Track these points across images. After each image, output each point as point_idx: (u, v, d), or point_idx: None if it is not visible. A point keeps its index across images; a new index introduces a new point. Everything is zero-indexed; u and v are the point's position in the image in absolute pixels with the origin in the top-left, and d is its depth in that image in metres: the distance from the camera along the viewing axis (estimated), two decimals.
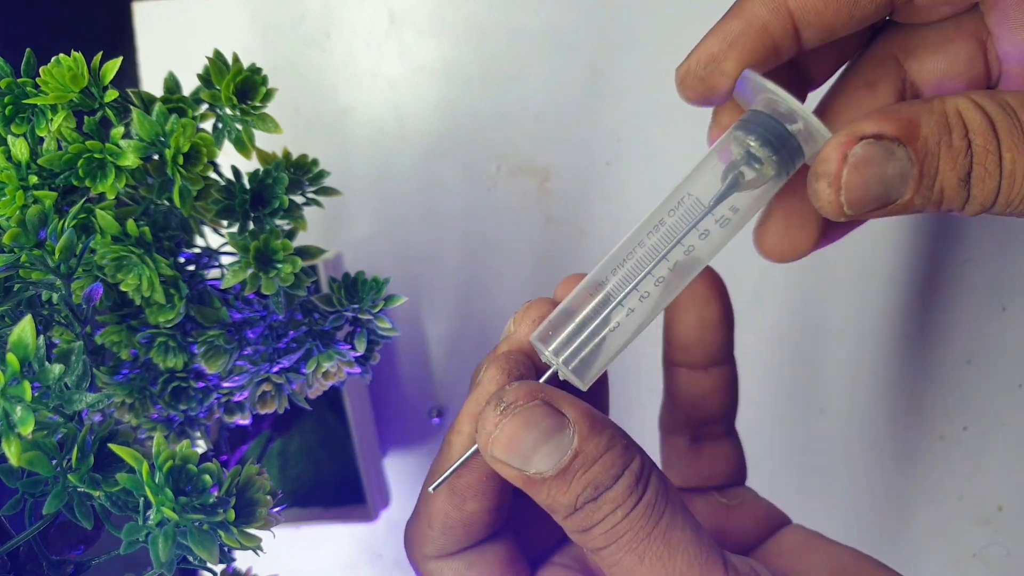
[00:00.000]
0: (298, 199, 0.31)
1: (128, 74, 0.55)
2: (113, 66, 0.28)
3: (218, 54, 0.29)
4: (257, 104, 0.29)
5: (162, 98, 0.29)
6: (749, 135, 0.25)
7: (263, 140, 0.30)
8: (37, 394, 0.23)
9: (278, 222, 0.30)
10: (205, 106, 0.30)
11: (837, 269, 0.48)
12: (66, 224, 0.26)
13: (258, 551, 0.25)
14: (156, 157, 0.28)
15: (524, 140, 0.51)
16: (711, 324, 0.31)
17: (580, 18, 0.50)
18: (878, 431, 0.49)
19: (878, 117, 0.22)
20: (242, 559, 0.31)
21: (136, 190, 0.29)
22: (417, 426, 0.55)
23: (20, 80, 0.27)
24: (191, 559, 0.24)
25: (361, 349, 0.32)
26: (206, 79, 0.30)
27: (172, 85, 0.30)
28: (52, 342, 0.27)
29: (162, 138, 0.27)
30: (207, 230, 0.32)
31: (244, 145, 0.30)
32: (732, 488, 0.33)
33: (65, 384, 0.24)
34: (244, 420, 0.34)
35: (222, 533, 0.24)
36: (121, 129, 0.28)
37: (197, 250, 0.31)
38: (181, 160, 0.27)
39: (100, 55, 0.27)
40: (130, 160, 0.27)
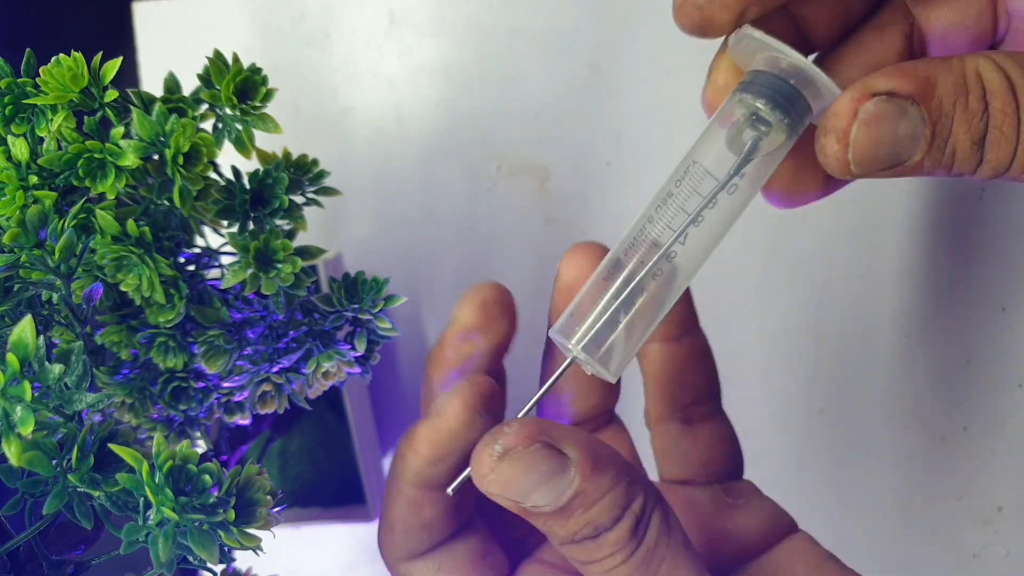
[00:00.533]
0: (298, 199, 0.31)
1: (128, 74, 0.55)
2: (113, 66, 0.28)
3: (218, 54, 0.29)
4: (257, 104, 0.29)
5: (162, 98, 0.29)
6: (758, 97, 0.23)
7: (263, 140, 0.30)
8: (37, 394, 0.23)
9: (278, 222, 0.30)
10: (205, 106, 0.30)
11: (837, 269, 0.48)
12: (66, 224, 0.26)
13: (258, 551, 0.25)
14: (156, 157, 0.28)
15: (524, 140, 0.51)
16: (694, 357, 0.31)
17: (580, 18, 0.50)
18: (878, 431, 0.49)
19: (892, 73, 0.22)
20: (242, 559, 0.31)
21: (136, 190, 0.29)
22: None
23: (20, 80, 0.27)
24: (191, 559, 0.24)
25: (361, 349, 0.32)
26: (206, 79, 0.30)
27: (172, 85, 0.30)
28: (52, 342, 0.27)
29: (162, 138, 0.27)
30: (207, 230, 0.32)
31: (244, 145, 0.30)
32: (735, 483, 0.32)
33: (65, 384, 0.24)
34: (244, 420, 0.34)
35: (222, 533, 0.24)
36: (121, 129, 0.28)
37: (197, 250, 0.31)
38: (181, 160, 0.27)
39: (100, 55, 0.27)
40: (130, 160, 0.27)
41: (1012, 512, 0.48)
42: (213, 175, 0.29)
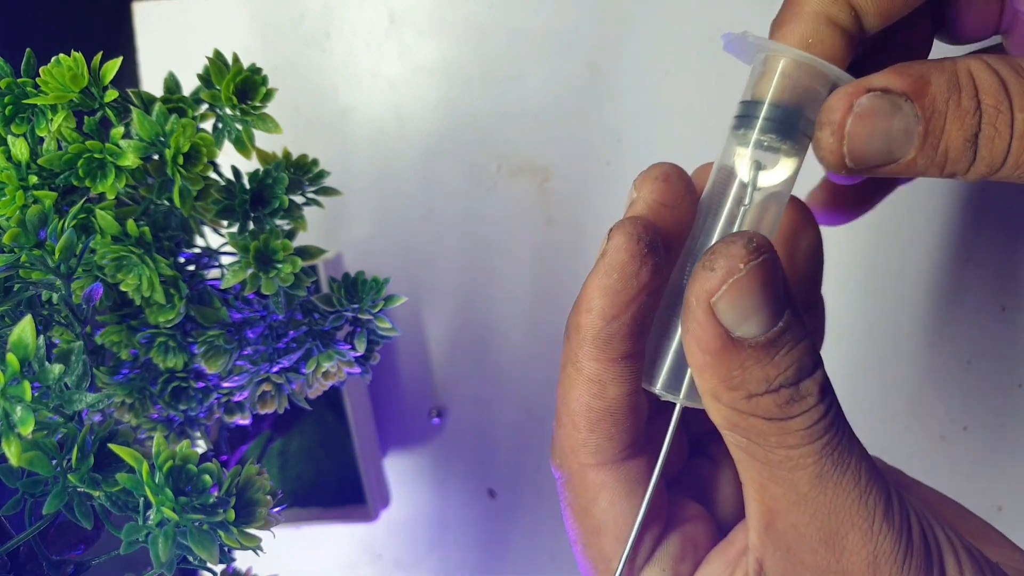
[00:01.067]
0: (298, 199, 0.31)
1: (128, 74, 0.55)
2: (113, 66, 0.28)
3: (218, 54, 0.29)
4: (257, 104, 0.29)
5: (162, 98, 0.29)
6: (763, 133, 0.24)
7: (263, 140, 0.30)
8: (37, 394, 0.23)
9: (278, 222, 0.30)
10: (205, 106, 0.30)
11: (837, 269, 0.48)
12: (66, 224, 0.26)
13: (258, 551, 0.25)
14: (156, 157, 0.28)
15: (524, 140, 0.51)
16: (805, 255, 0.29)
17: (580, 18, 0.50)
18: (878, 431, 0.49)
19: (888, 72, 0.22)
20: (242, 559, 0.31)
21: (136, 190, 0.29)
22: (417, 426, 0.55)
23: (20, 80, 0.27)
24: (191, 559, 0.24)
25: (361, 349, 0.32)
26: (206, 79, 0.30)
27: (172, 85, 0.30)
28: (52, 342, 0.27)
29: (162, 138, 0.27)
30: (207, 230, 0.32)
31: (244, 145, 0.30)
32: None
33: (65, 384, 0.24)
34: (244, 420, 0.34)
35: (222, 533, 0.24)
36: (121, 129, 0.28)
37: (197, 250, 0.31)
38: (181, 160, 0.27)
39: (100, 55, 0.27)
40: (130, 160, 0.27)
41: (1012, 512, 0.48)
42: (213, 175, 0.29)
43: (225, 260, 0.31)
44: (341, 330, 0.32)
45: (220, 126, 0.30)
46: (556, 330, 0.52)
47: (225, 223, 0.30)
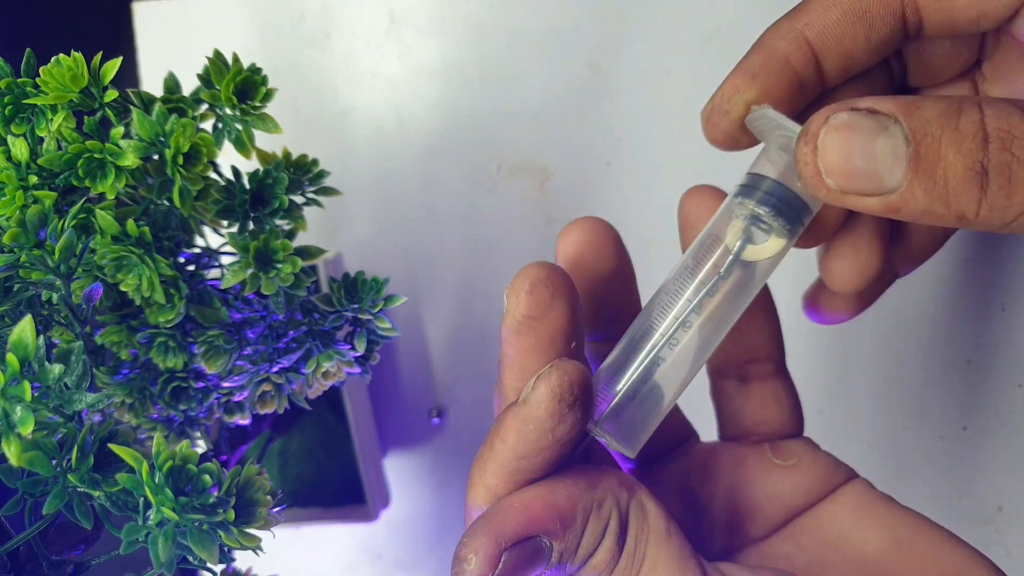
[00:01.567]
0: (298, 199, 0.31)
1: (128, 74, 0.55)
2: (113, 66, 0.28)
3: (218, 54, 0.29)
4: (257, 104, 0.29)
5: (162, 98, 0.29)
6: (760, 205, 0.24)
7: (263, 140, 0.30)
8: (37, 394, 0.23)
9: (278, 222, 0.30)
10: (205, 106, 0.30)
11: None
12: (66, 224, 0.26)
13: (258, 551, 0.25)
14: (156, 157, 0.28)
15: (524, 140, 0.51)
16: None
17: (580, 18, 0.50)
18: (878, 431, 0.49)
19: (877, 96, 0.21)
20: (242, 559, 0.31)
21: (136, 190, 0.29)
22: (417, 426, 0.55)
23: (20, 80, 0.27)
24: (191, 559, 0.24)
25: (361, 349, 0.32)
26: (206, 79, 0.30)
27: (172, 85, 0.30)
28: (52, 342, 0.27)
29: (162, 138, 0.27)
30: (207, 230, 0.32)
31: (244, 145, 0.30)
32: (788, 441, 0.31)
33: (65, 384, 0.24)
34: (244, 420, 0.34)
35: (222, 533, 0.24)
36: (121, 129, 0.28)
37: (197, 250, 0.31)
38: (181, 160, 0.27)
39: (100, 55, 0.27)
40: (130, 160, 0.27)
41: (1012, 512, 0.48)
42: (213, 175, 0.29)
43: (225, 260, 0.31)
44: (341, 330, 0.32)
45: (220, 126, 0.30)
46: None
47: (225, 223, 0.30)
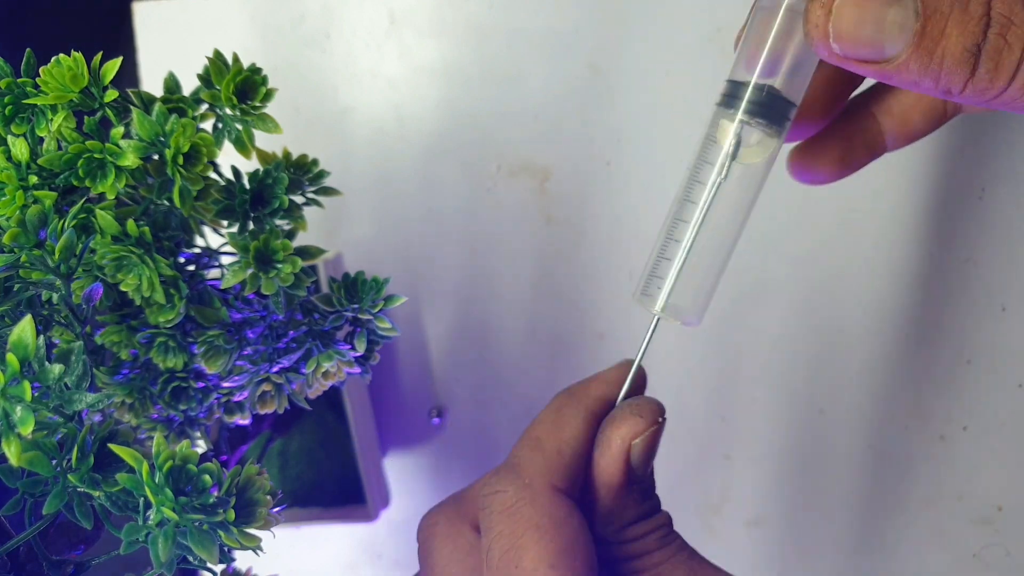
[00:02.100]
0: (298, 199, 0.31)
1: (128, 74, 0.55)
2: (113, 66, 0.28)
3: (218, 54, 0.29)
4: (257, 104, 0.29)
5: (162, 98, 0.29)
6: (745, 114, 0.26)
7: (263, 140, 0.30)
8: (37, 394, 0.23)
9: (278, 222, 0.30)
10: (205, 106, 0.30)
11: (837, 269, 0.48)
12: (66, 224, 0.26)
13: (258, 551, 0.25)
14: (156, 157, 0.28)
15: (524, 140, 0.51)
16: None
17: (580, 18, 0.50)
18: (878, 431, 0.49)
19: None
20: (242, 559, 0.31)
21: (136, 190, 0.29)
22: (417, 426, 0.55)
23: (20, 80, 0.27)
24: (191, 559, 0.24)
25: (361, 349, 0.32)
26: (206, 79, 0.30)
27: (172, 85, 0.30)
28: (52, 342, 0.27)
29: (162, 138, 0.27)
30: (207, 230, 0.32)
31: (244, 145, 0.30)
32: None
33: (65, 384, 0.24)
34: (244, 420, 0.34)
35: (222, 533, 0.24)
36: (121, 129, 0.28)
37: (197, 250, 0.31)
38: (181, 160, 0.27)
39: (100, 55, 0.27)
40: (130, 160, 0.27)
41: (1012, 512, 0.48)
42: (213, 175, 0.29)
43: (225, 260, 0.31)
44: (341, 330, 0.32)
45: (220, 126, 0.30)
46: (556, 330, 0.52)
47: (225, 223, 0.30)
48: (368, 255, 0.54)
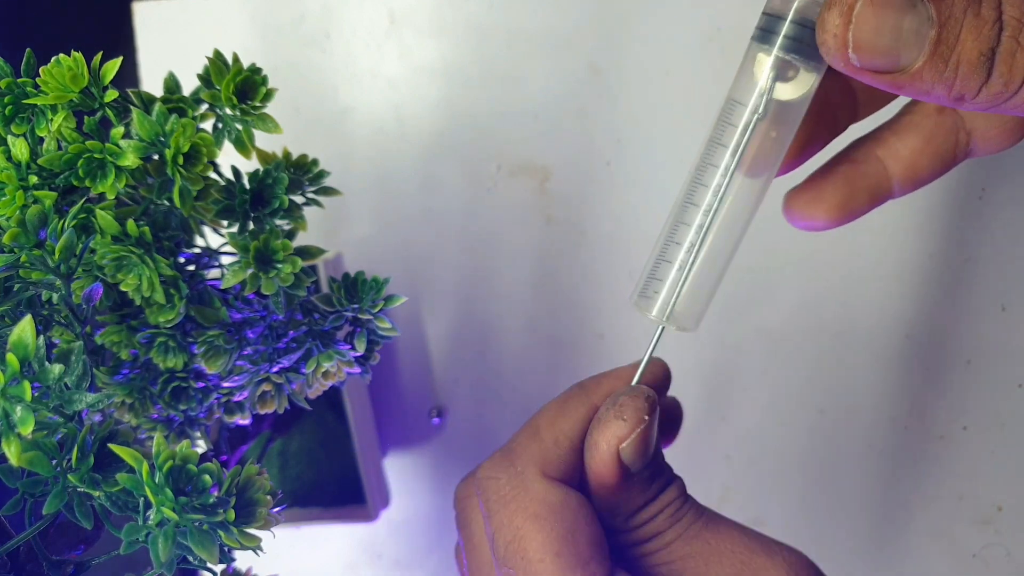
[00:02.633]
0: (298, 199, 0.31)
1: (128, 74, 0.55)
2: (113, 66, 0.28)
3: (218, 54, 0.29)
4: (257, 104, 0.29)
5: (162, 98, 0.29)
6: (781, 50, 0.24)
7: (263, 140, 0.30)
8: (37, 394, 0.23)
9: (278, 222, 0.30)
10: (205, 106, 0.30)
11: (837, 269, 0.48)
12: (66, 224, 0.26)
13: (258, 551, 0.25)
14: (156, 157, 0.28)
15: (524, 140, 0.51)
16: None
17: (580, 18, 0.50)
18: (878, 431, 0.49)
19: None
20: (242, 559, 0.31)
21: (136, 190, 0.29)
22: (417, 426, 0.55)
23: (20, 80, 0.27)
24: (191, 559, 0.24)
25: (361, 349, 0.32)
26: (206, 79, 0.30)
27: (172, 85, 0.30)
28: (52, 342, 0.27)
29: (162, 138, 0.27)
30: (207, 230, 0.32)
31: (244, 145, 0.30)
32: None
33: (65, 384, 0.24)
34: (244, 420, 0.34)
35: (222, 533, 0.24)
36: (121, 129, 0.28)
37: (197, 250, 0.31)
38: (181, 160, 0.27)
39: (100, 55, 0.27)
40: (130, 160, 0.27)
41: (1012, 512, 0.48)
42: (213, 175, 0.29)
43: (225, 260, 0.31)
44: (341, 330, 0.32)
45: (220, 126, 0.30)
46: (556, 330, 0.52)
47: (225, 223, 0.30)
48: (368, 255, 0.54)
